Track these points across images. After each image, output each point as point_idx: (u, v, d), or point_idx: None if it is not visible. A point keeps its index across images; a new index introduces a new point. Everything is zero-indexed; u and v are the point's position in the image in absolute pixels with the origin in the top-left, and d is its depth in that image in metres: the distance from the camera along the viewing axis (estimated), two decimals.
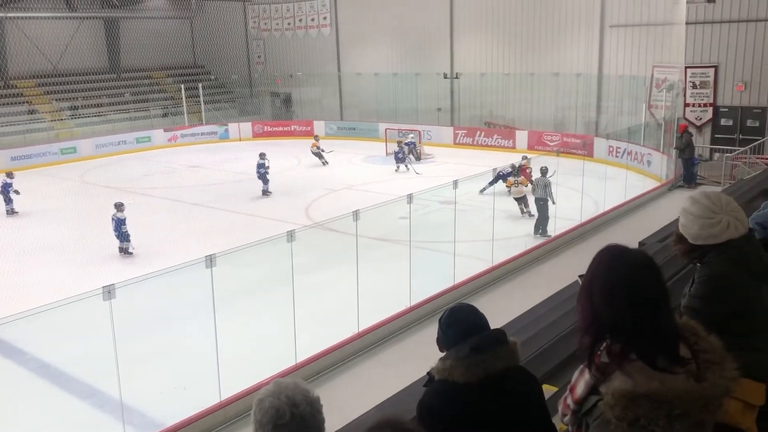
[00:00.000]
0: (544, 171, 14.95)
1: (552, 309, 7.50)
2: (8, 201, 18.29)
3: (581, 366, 1.91)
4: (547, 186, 14.64)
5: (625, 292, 1.80)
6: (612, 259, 1.88)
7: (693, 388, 1.70)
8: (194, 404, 7.93)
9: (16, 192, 18.31)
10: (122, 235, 14.19)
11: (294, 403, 1.81)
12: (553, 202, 14.70)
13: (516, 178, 16.36)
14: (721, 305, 2.63)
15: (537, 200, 14.82)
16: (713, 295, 2.64)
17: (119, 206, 14.36)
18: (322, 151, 24.55)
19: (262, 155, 20.17)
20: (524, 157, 18.34)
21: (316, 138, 25.62)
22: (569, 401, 1.93)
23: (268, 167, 19.97)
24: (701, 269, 2.72)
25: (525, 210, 15.96)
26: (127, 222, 14.22)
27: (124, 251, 14.24)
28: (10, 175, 18.80)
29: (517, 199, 16.08)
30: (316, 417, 1.85)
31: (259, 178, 20.00)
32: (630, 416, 1.66)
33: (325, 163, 24.37)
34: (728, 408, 2.21)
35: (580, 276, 2.00)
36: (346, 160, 25.15)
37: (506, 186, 16.78)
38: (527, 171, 17.79)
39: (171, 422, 7.63)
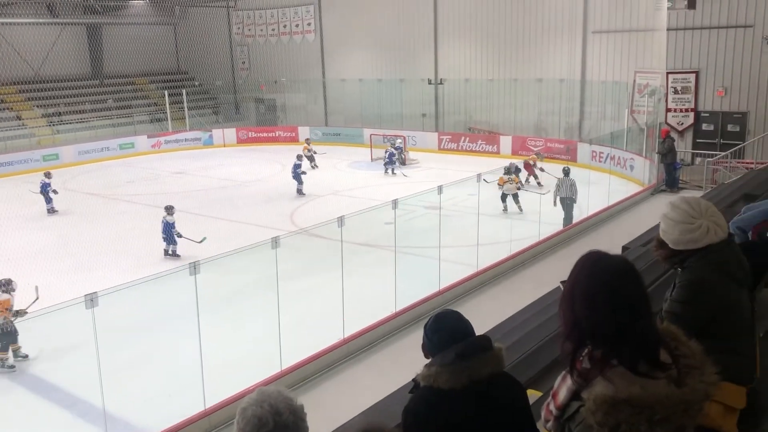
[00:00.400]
0: (567, 171, 15.79)
1: (537, 313, 7.52)
2: (48, 200, 18.97)
3: (563, 372, 1.92)
4: (572, 185, 15.51)
5: (606, 298, 1.82)
6: (593, 265, 1.90)
7: (673, 393, 1.72)
8: (179, 412, 7.87)
9: (54, 191, 18.95)
10: (170, 238, 14.33)
11: (277, 412, 1.80)
12: (575, 201, 15.44)
13: (509, 176, 16.99)
14: (701, 309, 2.65)
15: (563, 199, 15.50)
16: (694, 299, 2.67)
17: (169, 209, 14.59)
18: (315, 153, 24.61)
19: (299, 157, 21.20)
20: (537, 154, 19.94)
21: (308, 141, 25.86)
22: (552, 407, 1.94)
23: (303, 169, 20.92)
24: (682, 274, 2.74)
25: (516, 204, 16.81)
26: (176, 225, 14.45)
27: (173, 253, 14.40)
28: (48, 174, 19.42)
29: (506, 196, 16.86)
30: (299, 425, 1.84)
31: (294, 177, 20.65)
32: (611, 422, 1.67)
33: (315, 166, 24.43)
34: (710, 411, 2.23)
35: (561, 282, 2.01)
36: (331, 165, 25.13)
37: (498, 184, 17.04)
38: (531, 167, 18.91)
39: (155, 431, 7.56)
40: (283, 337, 8.94)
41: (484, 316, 7.96)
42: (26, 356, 9.54)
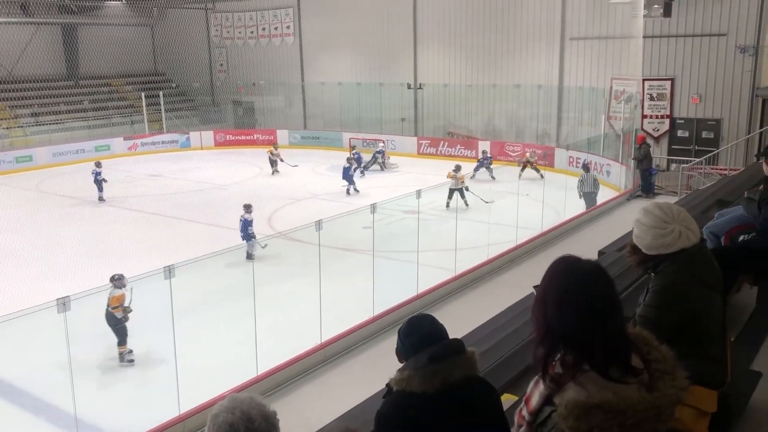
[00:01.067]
0: (587, 167, 18.16)
1: (514, 318, 7.55)
2: (100, 188, 20.56)
3: (536, 377, 1.92)
4: (595, 180, 17.79)
5: (577, 303, 1.82)
6: (565, 270, 1.90)
7: (645, 398, 1.72)
8: (152, 418, 7.78)
9: (104, 180, 20.47)
10: (247, 237, 14.08)
11: (249, 418, 1.77)
12: (596, 194, 17.62)
13: (455, 173, 18.25)
14: (674, 314, 2.67)
15: (587, 194, 17.45)
16: (666, 303, 2.68)
17: (248, 208, 14.55)
18: (281, 160, 24.54)
19: (349, 159, 21.83)
20: (533, 153, 21.94)
21: (275, 146, 25.66)
22: (524, 412, 1.93)
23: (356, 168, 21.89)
24: (655, 279, 2.76)
25: (463, 199, 18.12)
26: (254, 223, 14.30)
27: (250, 256, 13.72)
28: (98, 164, 20.95)
29: (453, 192, 18.07)
30: None
31: (345, 178, 21.33)
32: (583, 427, 1.67)
33: (276, 171, 24.49)
34: (681, 415, 2.24)
35: (535, 287, 2.01)
36: (309, 169, 25.05)
37: (447, 177, 18.17)
38: (531, 163, 21.14)
39: None
40: (260, 342, 8.87)
41: (461, 321, 7.99)
42: (131, 351, 9.69)
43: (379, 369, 8.19)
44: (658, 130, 22.94)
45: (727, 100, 21.50)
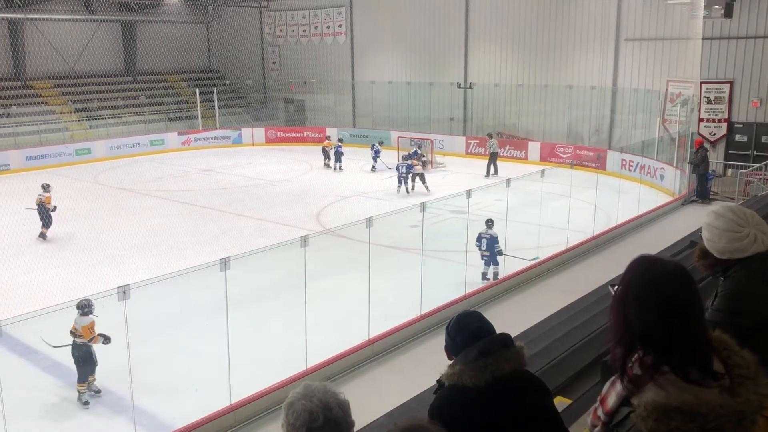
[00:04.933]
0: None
1: (564, 321, 7.47)
2: (338, 159, 24.55)
3: (613, 377, 1.90)
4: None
5: (657, 303, 1.79)
6: (647, 269, 1.87)
7: (727, 403, 1.68)
8: (204, 407, 7.95)
9: (342, 153, 24.63)
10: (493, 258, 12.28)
11: (327, 406, 1.81)
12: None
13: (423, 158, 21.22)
14: (744, 319, 2.60)
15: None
16: (736, 309, 2.62)
17: (490, 224, 12.42)
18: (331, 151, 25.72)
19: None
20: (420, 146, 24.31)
21: (329, 138, 27.36)
22: (600, 412, 1.91)
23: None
24: (724, 283, 2.69)
25: (423, 184, 20.37)
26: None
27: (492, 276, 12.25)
28: (340, 140, 25.37)
29: (420, 175, 20.53)
30: (347, 421, 1.86)
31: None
32: (662, 428, 1.65)
33: (328, 165, 25.68)
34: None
35: (612, 286, 1.99)
36: (357, 167, 25.17)
37: (413, 164, 20.80)
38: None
39: (181, 424, 7.64)
40: (309, 336, 8.97)
41: (509, 323, 7.89)
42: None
43: (425, 367, 8.20)
44: (714, 134, 22.30)
45: None
